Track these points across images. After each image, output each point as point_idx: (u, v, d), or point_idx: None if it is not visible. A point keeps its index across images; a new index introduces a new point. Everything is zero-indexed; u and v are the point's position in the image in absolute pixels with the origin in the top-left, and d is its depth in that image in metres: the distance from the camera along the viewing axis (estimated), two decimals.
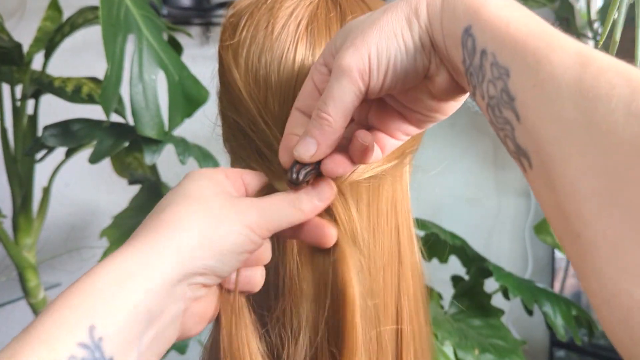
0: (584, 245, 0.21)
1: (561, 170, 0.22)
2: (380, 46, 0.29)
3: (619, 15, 0.37)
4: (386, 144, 0.34)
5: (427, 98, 0.32)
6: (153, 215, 0.30)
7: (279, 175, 0.35)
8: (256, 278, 0.34)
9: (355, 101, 0.30)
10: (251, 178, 0.35)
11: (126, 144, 0.83)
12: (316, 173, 0.33)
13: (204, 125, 0.43)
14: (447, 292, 1.00)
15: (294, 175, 0.32)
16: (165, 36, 0.87)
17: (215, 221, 0.30)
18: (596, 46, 1.16)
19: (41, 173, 1.03)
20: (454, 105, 0.33)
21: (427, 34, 0.29)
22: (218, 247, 0.29)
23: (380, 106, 0.34)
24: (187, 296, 0.29)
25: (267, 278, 0.35)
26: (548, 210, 0.24)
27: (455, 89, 0.31)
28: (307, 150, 0.31)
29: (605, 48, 0.40)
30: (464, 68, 0.27)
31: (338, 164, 0.32)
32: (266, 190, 0.35)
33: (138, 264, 0.27)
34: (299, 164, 0.32)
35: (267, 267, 0.35)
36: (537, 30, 0.25)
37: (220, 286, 0.33)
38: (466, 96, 0.32)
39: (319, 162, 0.32)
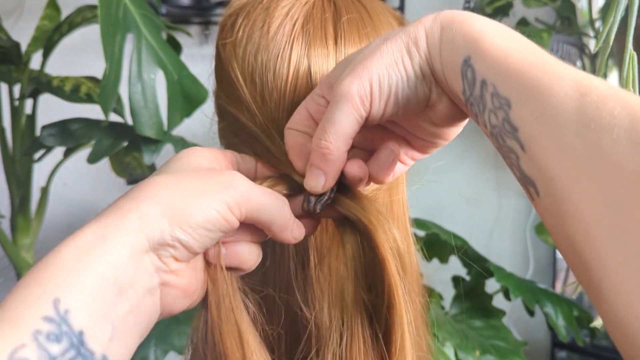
0: (593, 273, 0.21)
1: (567, 199, 0.22)
2: (382, 73, 0.29)
3: (615, 16, 0.37)
4: (394, 169, 0.35)
5: (428, 125, 0.33)
6: (127, 192, 0.30)
7: (283, 169, 0.35)
8: (244, 255, 0.32)
9: (356, 127, 0.30)
10: (244, 161, 0.35)
11: (125, 143, 0.83)
12: (332, 200, 0.33)
13: (203, 124, 0.43)
14: (448, 292, 1.00)
15: (312, 207, 0.33)
16: (164, 35, 0.87)
17: (190, 193, 0.29)
18: (598, 45, 1.16)
19: (39, 173, 1.04)
20: (455, 131, 0.33)
21: (427, 63, 0.29)
22: (186, 219, 0.28)
23: (385, 132, 0.34)
24: (160, 268, 0.28)
25: (282, 258, 0.34)
26: (556, 238, 0.24)
27: (456, 116, 0.31)
28: (318, 183, 0.32)
29: (606, 48, 0.40)
30: (464, 98, 0.28)
31: (360, 167, 0.33)
32: (260, 180, 0.35)
33: (102, 235, 0.26)
34: (314, 195, 0.32)
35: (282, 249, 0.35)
36: (536, 60, 0.25)
37: (208, 262, 0.31)
38: (466, 121, 0.33)
39: (332, 189, 0.33)
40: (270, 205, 0.31)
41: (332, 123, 0.30)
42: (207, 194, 0.29)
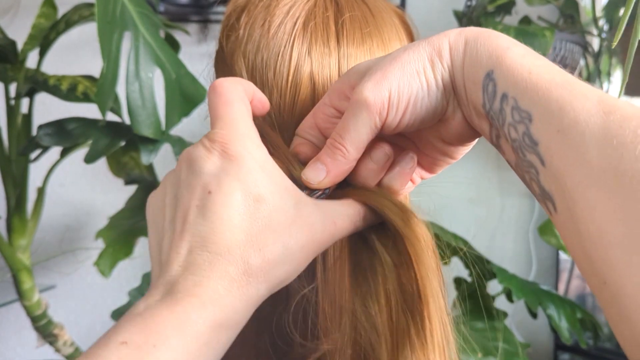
0: (611, 291, 0.22)
1: (586, 215, 0.23)
2: (402, 83, 0.30)
3: (624, 15, 0.38)
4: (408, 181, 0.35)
5: (438, 141, 0.33)
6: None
7: (286, 163, 0.35)
8: None
9: (370, 135, 0.31)
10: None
11: (122, 143, 0.83)
12: (326, 196, 0.33)
13: (202, 124, 0.43)
14: (450, 294, 1.00)
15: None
16: (162, 33, 0.87)
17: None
18: (601, 43, 1.16)
19: (36, 173, 1.04)
20: (463, 150, 0.34)
21: (449, 75, 0.30)
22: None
23: (394, 147, 0.35)
24: None
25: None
26: (574, 255, 0.24)
27: (468, 134, 0.31)
28: (316, 176, 0.31)
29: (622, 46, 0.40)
30: (485, 111, 0.28)
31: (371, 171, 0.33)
32: None
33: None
34: (308, 188, 0.32)
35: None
36: (559, 78, 0.25)
37: None
38: (474, 142, 0.33)
39: (328, 188, 0.32)
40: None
41: (348, 130, 0.30)
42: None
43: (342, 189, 0.33)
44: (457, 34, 0.30)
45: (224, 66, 0.38)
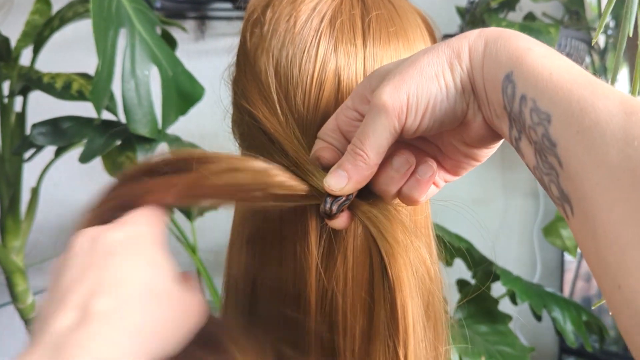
0: (625, 296, 0.22)
1: (603, 217, 0.23)
2: (421, 86, 0.30)
3: (628, 11, 0.37)
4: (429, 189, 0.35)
5: (460, 144, 0.33)
6: None
7: (293, 164, 0.35)
8: None
9: (390, 139, 0.31)
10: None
11: (118, 142, 0.83)
12: (349, 204, 0.33)
13: (199, 123, 0.43)
14: (453, 296, 1.00)
15: (328, 207, 0.33)
16: (158, 30, 0.87)
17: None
18: (607, 40, 1.16)
19: (29, 173, 1.03)
20: (487, 152, 0.34)
21: (469, 77, 0.30)
22: None
23: (416, 151, 0.35)
24: None
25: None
26: (589, 259, 0.24)
27: (489, 136, 0.32)
28: (338, 183, 0.32)
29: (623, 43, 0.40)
30: (507, 113, 0.28)
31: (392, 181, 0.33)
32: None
33: None
34: (331, 195, 0.32)
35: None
36: (581, 79, 0.26)
37: None
38: (499, 143, 0.33)
39: (351, 194, 0.33)
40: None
41: (368, 135, 0.31)
42: None
43: (363, 198, 0.34)
44: (477, 35, 0.30)
45: (246, 61, 0.38)
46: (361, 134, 0.31)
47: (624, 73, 1.18)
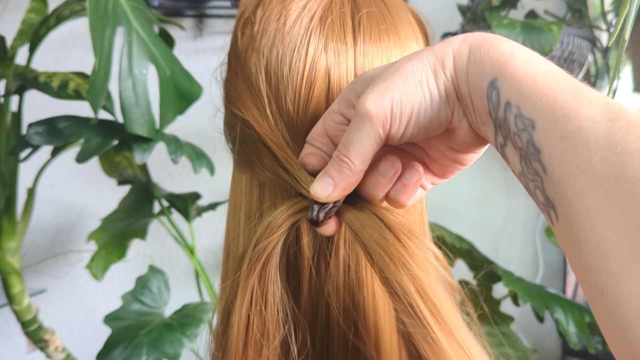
0: (608, 303, 0.22)
1: (586, 223, 0.23)
2: (405, 94, 0.30)
3: (630, 9, 0.37)
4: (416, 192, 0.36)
5: (447, 149, 0.33)
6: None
7: (282, 168, 0.36)
8: None
9: (375, 146, 0.31)
10: None
11: (115, 142, 0.83)
12: (336, 211, 0.34)
13: (197, 122, 0.43)
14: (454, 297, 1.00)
15: (315, 215, 0.33)
16: (156, 29, 0.87)
17: None
18: (609, 39, 1.16)
19: (25, 173, 1.04)
20: (473, 157, 0.34)
21: (453, 85, 0.30)
22: None
23: (404, 155, 0.35)
24: None
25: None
26: (574, 266, 0.24)
27: (475, 141, 0.32)
28: (324, 190, 0.32)
29: (618, 42, 0.40)
30: (492, 120, 0.29)
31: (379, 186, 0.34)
32: None
33: None
34: (318, 203, 0.33)
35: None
36: (565, 84, 0.26)
37: None
38: (485, 148, 0.34)
39: (338, 200, 0.33)
40: None
41: (352, 142, 0.31)
42: None
43: (350, 203, 0.34)
44: (462, 41, 0.30)
45: (237, 62, 0.38)
46: (346, 141, 0.31)
47: (627, 71, 1.18)
